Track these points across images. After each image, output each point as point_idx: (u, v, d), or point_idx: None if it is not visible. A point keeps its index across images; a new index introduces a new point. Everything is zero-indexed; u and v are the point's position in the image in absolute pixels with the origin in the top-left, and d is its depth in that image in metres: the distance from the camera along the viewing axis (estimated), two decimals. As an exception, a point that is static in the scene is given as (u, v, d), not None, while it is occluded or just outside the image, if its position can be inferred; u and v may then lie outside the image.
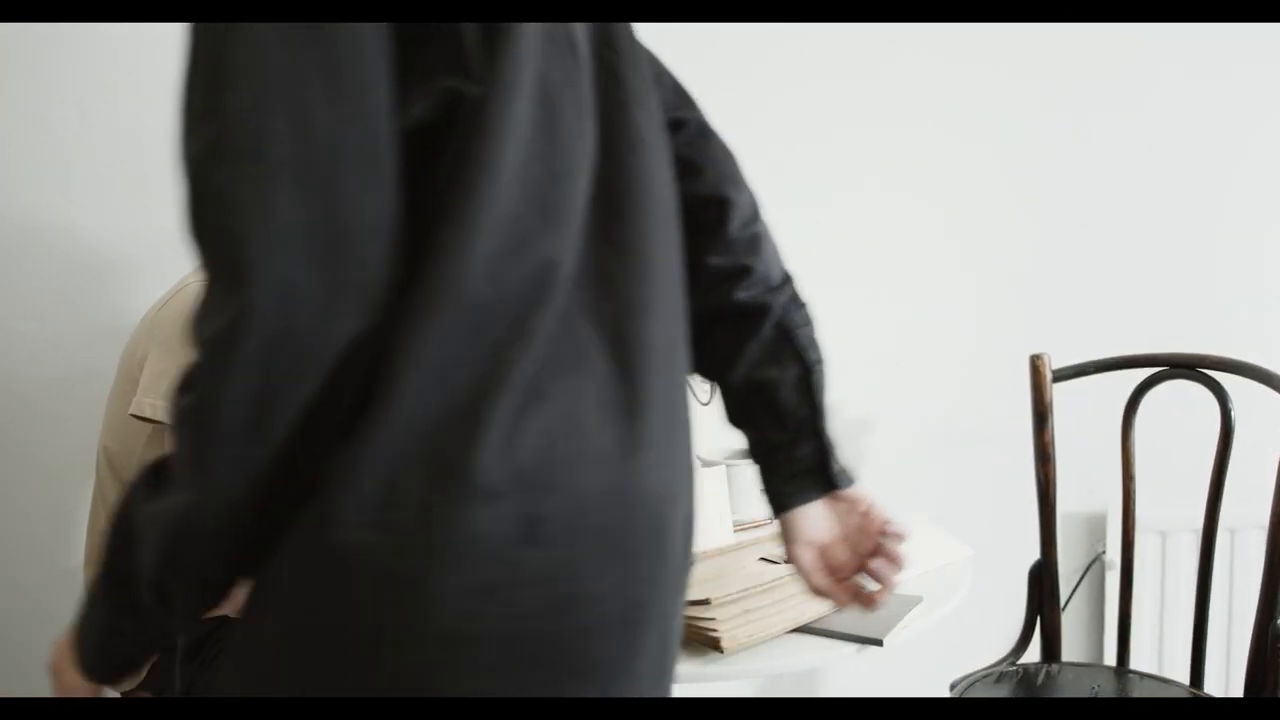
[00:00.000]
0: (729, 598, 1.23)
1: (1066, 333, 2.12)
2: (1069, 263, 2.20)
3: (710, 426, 2.02)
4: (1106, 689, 1.79)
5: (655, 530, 0.79)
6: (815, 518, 0.99)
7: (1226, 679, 2.23)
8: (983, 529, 2.01)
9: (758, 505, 1.71)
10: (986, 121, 2.15)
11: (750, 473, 1.70)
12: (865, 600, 0.99)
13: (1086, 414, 2.02)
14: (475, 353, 0.73)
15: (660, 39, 2.00)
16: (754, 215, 1.03)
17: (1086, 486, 2.19)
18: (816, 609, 1.29)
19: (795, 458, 0.99)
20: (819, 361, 1.00)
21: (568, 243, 0.79)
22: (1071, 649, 2.23)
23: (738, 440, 1.79)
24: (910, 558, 1.03)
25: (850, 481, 0.99)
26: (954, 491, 2.20)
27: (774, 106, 2.09)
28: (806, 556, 0.99)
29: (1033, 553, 1.93)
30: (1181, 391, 1.84)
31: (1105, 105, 2.17)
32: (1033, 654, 1.91)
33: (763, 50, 2.06)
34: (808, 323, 1.02)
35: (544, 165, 0.79)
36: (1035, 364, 1.89)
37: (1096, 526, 2.24)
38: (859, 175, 2.13)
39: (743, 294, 0.99)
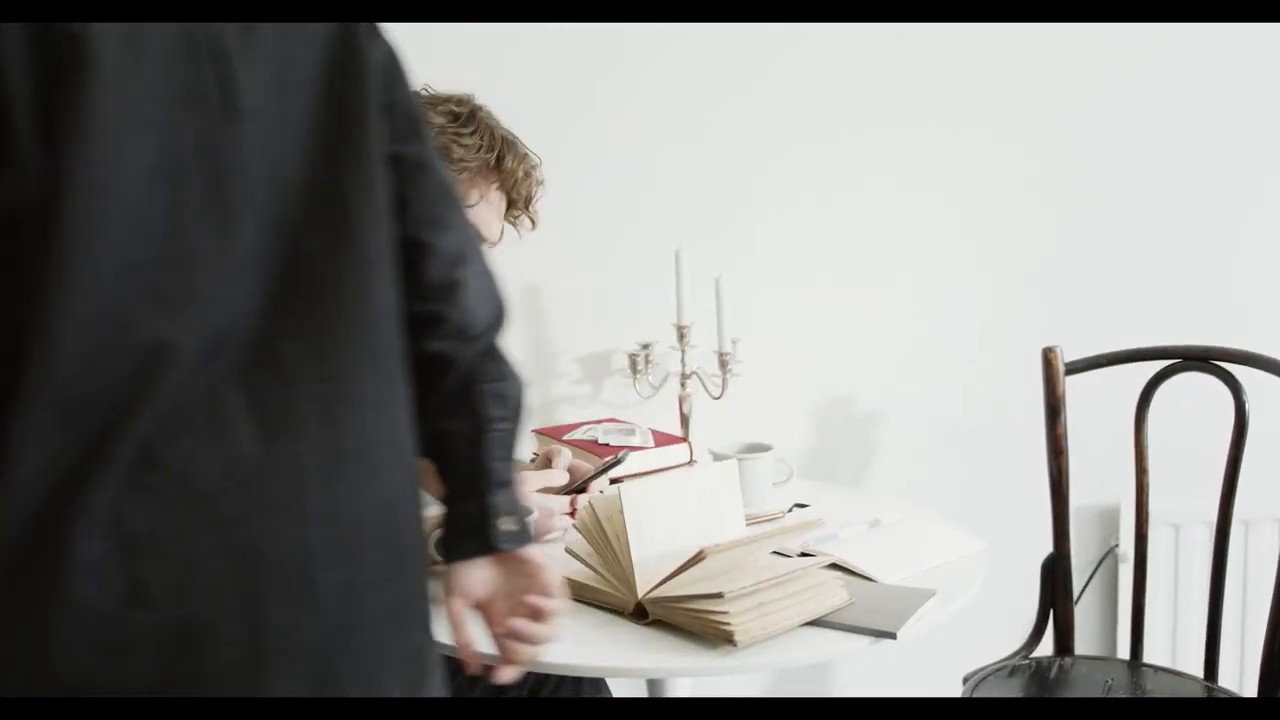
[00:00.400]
0: (742, 591, 1.22)
1: (1079, 325, 2.12)
2: (1081, 256, 2.19)
3: (721, 420, 2.02)
4: (1120, 682, 1.79)
5: (291, 580, 0.82)
6: (474, 574, 0.98)
7: (1240, 672, 2.22)
8: (995, 522, 2.00)
9: (770, 499, 1.71)
10: (998, 116, 2.14)
11: (763, 466, 1.71)
12: (504, 659, 1.00)
13: (1099, 407, 2.02)
14: (76, 442, 0.77)
15: (675, 37, 2.00)
16: (457, 260, 0.99)
17: (1099, 479, 2.18)
18: (830, 602, 1.29)
19: (459, 514, 0.98)
20: (499, 420, 0.98)
21: (192, 322, 0.81)
22: (1084, 642, 2.23)
23: (750, 434, 1.80)
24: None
25: (518, 543, 0.98)
26: (967, 485, 2.19)
27: (787, 103, 2.08)
28: (456, 609, 0.98)
29: (1045, 546, 1.93)
30: (1195, 384, 1.84)
31: (1117, 98, 2.16)
32: (1046, 647, 1.91)
33: (777, 48, 2.06)
34: (499, 378, 1.00)
35: (159, 250, 0.80)
36: (1047, 357, 1.89)
37: (1109, 519, 2.23)
38: (872, 171, 2.12)
39: (433, 344, 0.97)
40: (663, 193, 2.07)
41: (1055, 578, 1.91)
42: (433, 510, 1.63)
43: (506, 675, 0.99)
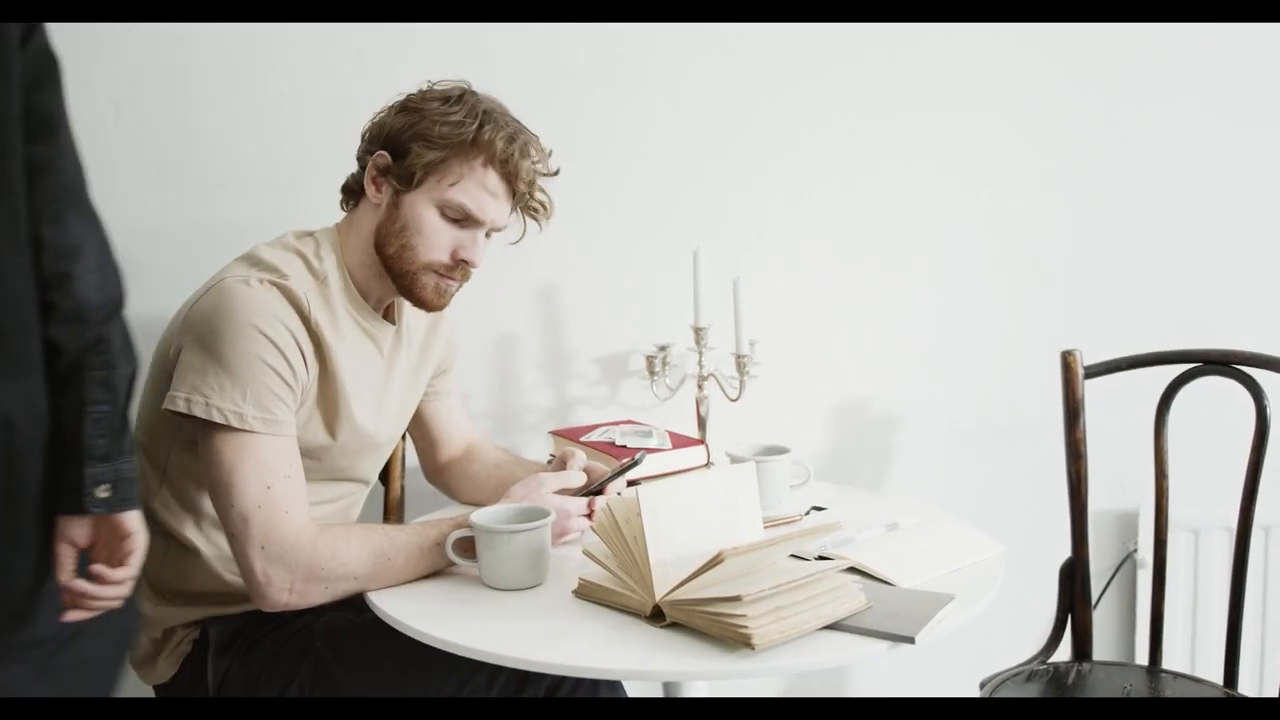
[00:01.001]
0: (760, 594, 1.22)
1: (1098, 328, 2.11)
2: (1102, 258, 2.19)
3: (739, 422, 2.01)
4: (1138, 688, 1.78)
5: None
6: (75, 527, 1.11)
7: (1260, 679, 2.21)
8: (1014, 526, 2.00)
9: (788, 501, 1.71)
10: (1017, 119, 2.13)
11: (780, 469, 1.71)
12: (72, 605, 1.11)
13: (1119, 410, 2.01)
14: None
15: (693, 39, 2.00)
16: (68, 254, 1.07)
17: (1118, 484, 2.18)
18: (848, 606, 1.29)
19: (60, 473, 1.10)
20: (100, 403, 1.09)
21: None
22: (1103, 648, 2.22)
23: (768, 436, 1.79)
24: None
25: (110, 510, 1.10)
26: (986, 488, 2.19)
27: (802, 110, 2.08)
28: (60, 552, 1.10)
29: (1064, 550, 1.92)
30: (1215, 388, 1.82)
31: (1137, 101, 2.15)
32: (1063, 652, 1.90)
33: (788, 39, 2.06)
34: (107, 367, 1.10)
35: None
36: (1067, 360, 1.88)
37: (1128, 524, 2.22)
38: (890, 175, 2.12)
39: (50, 329, 1.07)
40: (681, 195, 2.08)
41: (1073, 582, 1.91)
42: (445, 514, 1.64)
43: (68, 616, 1.10)
